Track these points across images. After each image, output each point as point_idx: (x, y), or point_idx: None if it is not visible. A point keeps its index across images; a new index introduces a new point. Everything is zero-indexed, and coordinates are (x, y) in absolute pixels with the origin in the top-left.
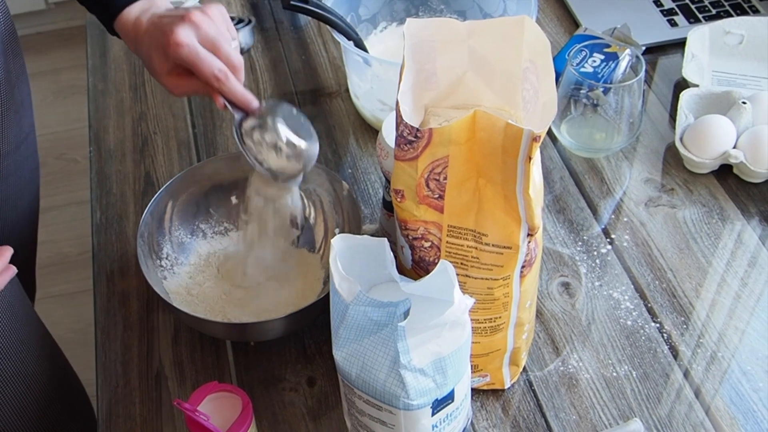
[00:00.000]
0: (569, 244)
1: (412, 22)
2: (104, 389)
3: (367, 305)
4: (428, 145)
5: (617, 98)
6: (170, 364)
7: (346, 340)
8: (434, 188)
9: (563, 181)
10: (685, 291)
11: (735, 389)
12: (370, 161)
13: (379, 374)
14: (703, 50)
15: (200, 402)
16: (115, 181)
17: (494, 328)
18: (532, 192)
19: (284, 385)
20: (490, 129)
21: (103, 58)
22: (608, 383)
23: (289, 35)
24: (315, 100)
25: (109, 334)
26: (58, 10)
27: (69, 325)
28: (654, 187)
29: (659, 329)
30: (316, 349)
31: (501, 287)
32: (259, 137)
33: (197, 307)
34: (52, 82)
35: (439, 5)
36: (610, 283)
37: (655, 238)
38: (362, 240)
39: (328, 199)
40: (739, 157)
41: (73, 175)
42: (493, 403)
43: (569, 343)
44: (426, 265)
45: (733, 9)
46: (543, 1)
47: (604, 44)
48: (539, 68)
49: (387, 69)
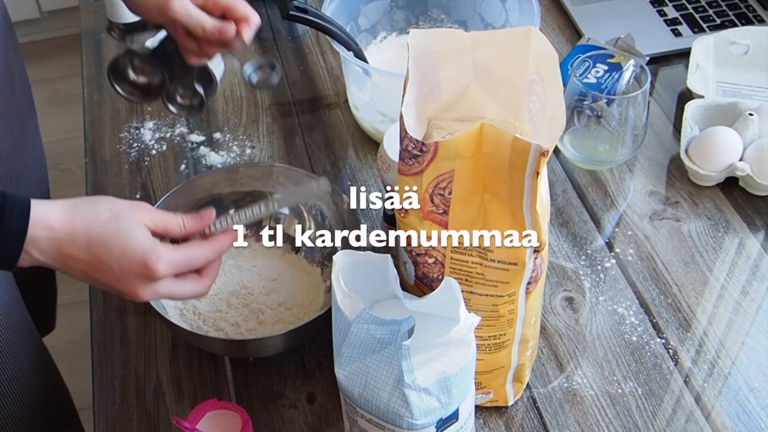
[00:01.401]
0: (572, 258)
1: (415, 32)
2: (101, 405)
3: (370, 323)
4: (433, 159)
5: (621, 110)
6: (168, 381)
7: (348, 359)
8: (439, 203)
9: (566, 193)
10: (691, 306)
11: (742, 406)
12: (370, 173)
13: (383, 393)
14: (707, 60)
15: (199, 420)
16: (111, 193)
17: (499, 345)
18: (539, 208)
19: (284, 401)
20: (497, 143)
21: (99, 67)
22: (613, 400)
23: (287, 45)
24: (313, 111)
25: (106, 349)
26: (53, 19)
27: (65, 336)
28: (658, 199)
29: (665, 345)
30: (316, 365)
31: (506, 304)
32: None
33: (195, 323)
34: (47, 91)
35: (440, 15)
36: (614, 297)
37: (659, 251)
38: (365, 256)
39: (328, 213)
40: (745, 169)
41: (68, 185)
42: (497, 421)
43: (573, 359)
44: (430, 281)
45: (738, 19)
46: (545, 11)
47: (608, 54)
48: (546, 80)
49: (387, 80)
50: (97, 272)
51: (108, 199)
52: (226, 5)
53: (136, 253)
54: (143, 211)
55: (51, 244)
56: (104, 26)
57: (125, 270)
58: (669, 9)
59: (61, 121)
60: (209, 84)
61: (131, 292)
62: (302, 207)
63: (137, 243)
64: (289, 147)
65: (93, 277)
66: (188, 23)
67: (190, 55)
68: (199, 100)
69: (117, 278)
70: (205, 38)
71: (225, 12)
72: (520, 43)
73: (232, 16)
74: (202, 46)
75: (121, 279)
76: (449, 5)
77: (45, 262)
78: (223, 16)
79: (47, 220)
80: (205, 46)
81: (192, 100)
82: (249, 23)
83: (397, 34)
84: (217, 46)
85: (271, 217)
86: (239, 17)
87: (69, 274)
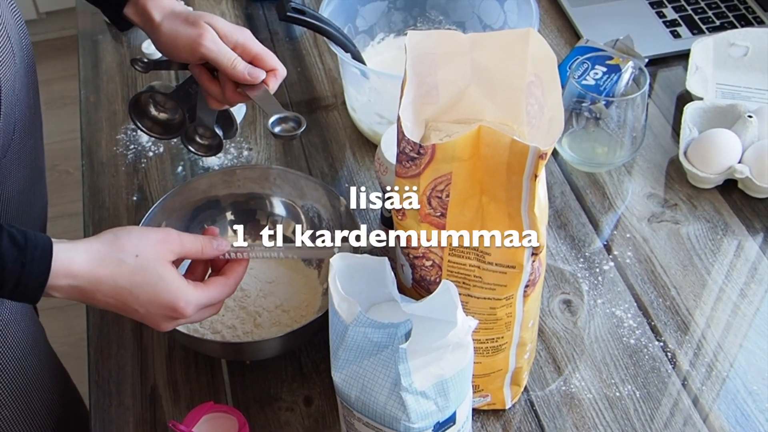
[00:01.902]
0: (571, 261)
1: (413, 34)
2: (98, 409)
3: (367, 326)
4: (431, 162)
5: (620, 111)
6: (164, 383)
7: (345, 362)
8: (436, 206)
9: (564, 196)
10: (690, 309)
11: (741, 410)
12: (368, 175)
13: (380, 397)
14: (707, 62)
15: (196, 423)
16: (107, 195)
17: (496, 348)
18: (537, 210)
19: (280, 404)
20: (495, 145)
21: (95, 69)
22: (611, 403)
23: (285, 47)
24: (311, 112)
25: (103, 352)
26: (50, 20)
27: (62, 339)
28: (657, 202)
29: (663, 348)
30: (313, 368)
31: (504, 307)
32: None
33: (192, 325)
34: (44, 93)
35: (438, 16)
36: (612, 300)
37: (658, 254)
38: (362, 259)
39: (325, 216)
40: (744, 172)
41: (65, 186)
42: (494, 424)
43: (571, 362)
44: (427, 284)
45: (738, 20)
46: (543, 12)
47: (607, 56)
48: (545, 82)
49: (385, 81)
50: (122, 311)
51: (133, 239)
52: (256, 53)
53: (165, 300)
54: (168, 248)
55: (74, 290)
56: (101, 28)
57: (152, 313)
58: (668, 10)
59: (58, 123)
60: (229, 127)
61: (155, 326)
62: (299, 209)
63: (166, 291)
64: (287, 149)
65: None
66: (218, 59)
67: (212, 100)
68: (217, 142)
69: (143, 317)
70: (233, 78)
71: (254, 60)
72: (518, 45)
73: (260, 65)
74: (225, 92)
75: (147, 318)
76: (447, 7)
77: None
78: (252, 63)
79: (71, 269)
80: (228, 93)
81: (211, 141)
82: (276, 75)
83: (395, 35)
84: (239, 95)
85: (268, 218)
86: (268, 67)
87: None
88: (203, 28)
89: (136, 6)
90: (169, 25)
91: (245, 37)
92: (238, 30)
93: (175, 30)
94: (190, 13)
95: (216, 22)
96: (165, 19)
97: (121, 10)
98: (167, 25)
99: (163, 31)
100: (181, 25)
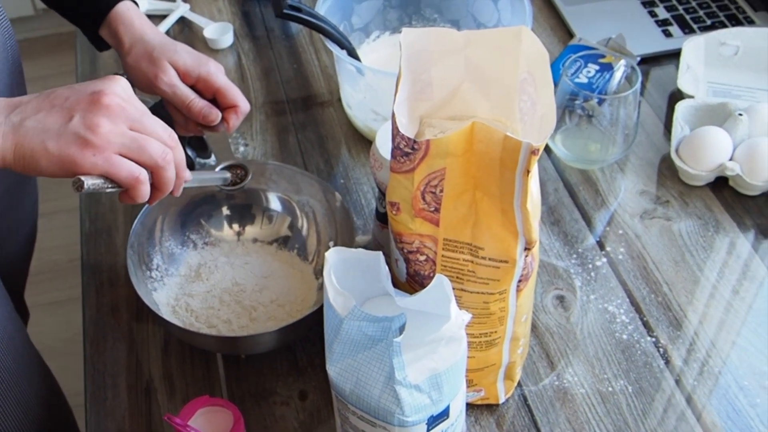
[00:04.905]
0: (564, 257)
1: (408, 31)
2: (93, 402)
3: (361, 320)
4: (425, 157)
5: (612, 109)
6: (160, 377)
7: (340, 355)
8: (430, 201)
9: (557, 192)
10: (681, 305)
11: (732, 404)
12: (363, 171)
13: (374, 390)
14: (698, 61)
15: (191, 416)
16: (106, 195)
17: (489, 342)
18: (530, 206)
19: (276, 398)
20: (488, 141)
21: (93, 65)
22: (603, 398)
23: (281, 44)
24: (307, 109)
25: (98, 346)
26: (47, 16)
27: (58, 334)
28: (649, 199)
29: (655, 343)
30: (308, 362)
31: (497, 301)
32: None
33: (187, 320)
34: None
35: (433, 14)
36: (605, 296)
37: (650, 250)
38: (357, 253)
39: (320, 211)
40: (735, 169)
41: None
42: (488, 418)
43: (564, 357)
44: (421, 278)
45: (729, 20)
46: (537, 11)
47: (599, 54)
48: (537, 80)
49: (380, 78)
50: (50, 103)
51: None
52: (218, 88)
53: (92, 85)
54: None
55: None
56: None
57: (72, 101)
58: (660, 10)
59: None
60: (203, 149)
61: (86, 124)
62: (294, 204)
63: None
64: (283, 145)
65: (47, 115)
66: (173, 101)
67: (178, 127)
68: (189, 162)
69: (61, 108)
70: (190, 117)
71: (216, 94)
72: (511, 43)
73: (222, 100)
74: (188, 123)
75: (63, 111)
76: (442, 5)
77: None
78: (214, 98)
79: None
80: (191, 125)
81: None
82: (237, 112)
83: (390, 33)
84: (200, 129)
85: (263, 213)
86: (229, 103)
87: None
88: (161, 68)
89: (110, 28)
90: (134, 58)
91: (209, 70)
92: (203, 62)
93: (138, 64)
94: (155, 47)
95: (178, 60)
96: (132, 48)
97: (98, 29)
98: (132, 55)
99: (128, 61)
100: (143, 61)
